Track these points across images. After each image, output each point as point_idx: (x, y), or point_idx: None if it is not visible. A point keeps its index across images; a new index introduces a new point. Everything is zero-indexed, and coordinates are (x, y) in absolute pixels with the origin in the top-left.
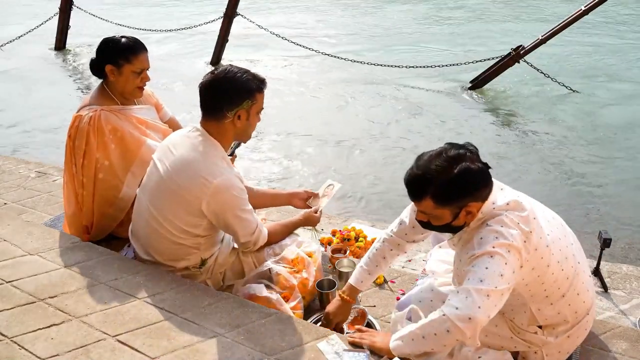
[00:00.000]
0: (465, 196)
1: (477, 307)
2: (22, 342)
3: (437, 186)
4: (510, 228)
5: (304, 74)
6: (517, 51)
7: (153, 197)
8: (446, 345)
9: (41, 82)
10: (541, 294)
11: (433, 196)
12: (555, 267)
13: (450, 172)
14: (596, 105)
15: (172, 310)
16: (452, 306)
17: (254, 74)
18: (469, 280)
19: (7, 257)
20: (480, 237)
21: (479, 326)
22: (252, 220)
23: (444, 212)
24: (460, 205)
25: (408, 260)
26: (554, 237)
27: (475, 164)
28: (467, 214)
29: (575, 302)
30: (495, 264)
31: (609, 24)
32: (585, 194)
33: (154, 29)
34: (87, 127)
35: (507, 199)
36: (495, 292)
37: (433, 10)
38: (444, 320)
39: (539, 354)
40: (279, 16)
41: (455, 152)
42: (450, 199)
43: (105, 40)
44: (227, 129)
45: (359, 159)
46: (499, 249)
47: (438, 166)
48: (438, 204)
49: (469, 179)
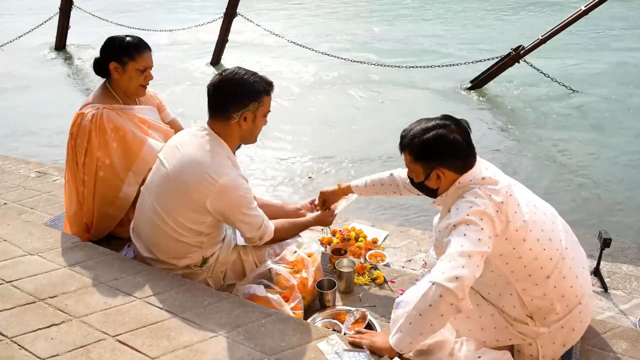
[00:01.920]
0: (433, 158)
1: (461, 266)
2: (22, 342)
3: (413, 142)
4: (482, 198)
5: (304, 74)
6: (517, 51)
7: (158, 194)
8: (443, 314)
9: (41, 82)
10: (522, 271)
11: (409, 150)
12: (535, 244)
13: (428, 133)
14: (596, 105)
15: (172, 310)
16: (439, 272)
17: (262, 77)
18: (449, 247)
19: (7, 257)
20: (456, 208)
21: (467, 285)
22: (258, 216)
23: (417, 168)
24: (430, 166)
25: (408, 260)
26: (537, 219)
27: (452, 135)
28: (438, 178)
29: (561, 285)
30: (471, 230)
31: (609, 24)
32: (585, 193)
33: (154, 29)
34: (89, 125)
35: (484, 175)
36: (476, 253)
37: (433, 10)
38: (434, 288)
39: (533, 345)
40: (279, 16)
41: (442, 122)
42: (421, 157)
43: (110, 38)
44: (233, 130)
45: (359, 159)
46: (473, 216)
47: (422, 127)
48: (412, 158)
49: (441, 145)
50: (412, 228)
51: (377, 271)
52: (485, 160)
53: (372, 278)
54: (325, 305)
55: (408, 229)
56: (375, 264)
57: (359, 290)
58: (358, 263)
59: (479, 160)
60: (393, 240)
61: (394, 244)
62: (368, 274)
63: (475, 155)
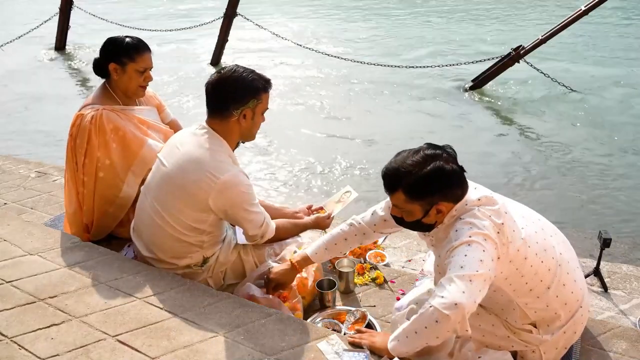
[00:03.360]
0: (435, 193)
1: (462, 292)
2: (22, 342)
3: (409, 180)
4: (482, 220)
5: (304, 74)
6: (517, 51)
7: (158, 194)
8: (439, 337)
9: (41, 82)
10: (524, 288)
11: (405, 190)
12: (534, 259)
13: (424, 168)
14: (596, 105)
15: (172, 310)
16: (438, 296)
17: (260, 74)
18: (450, 270)
19: (7, 257)
20: (455, 230)
21: (466, 312)
22: (260, 213)
23: (414, 208)
24: (431, 202)
25: (408, 260)
26: (530, 232)
27: (449, 165)
28: (438, 213)
29: (562, 293)
30: (473, 250)
31: (609, 24)
32: (585, 194)
33: (154, 28)
34: (89, 126)
35: (478, 195)
36: (477, 277)
37: (433, 9)
38: (432, 312)
39: (536, 352)
40: (279, 16)
41: (432, 152)
42: (421, 194)
43: (110, 39)
44: (232, 128)
45: (359, 159)
46: (475, 237)
47: (413, 162)
48: (409, 198)
49: (441, 177)
50: None
51: (377, 271)
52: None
53: (372, 278)
54: (325, 305)
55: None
56: (375, 264)
57: (359, 290)
58: (358, 263)
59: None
60: (393, 240)
61: (394, 244)
62: (368, 274)
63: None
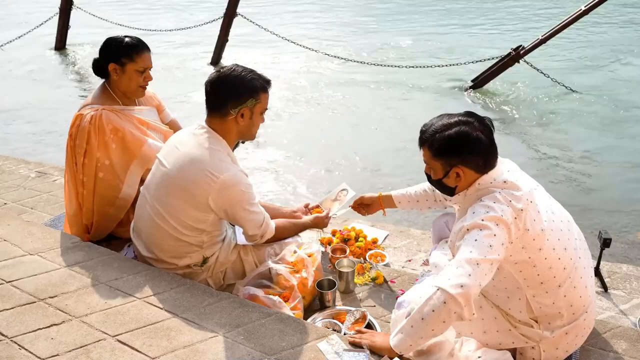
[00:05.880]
0: (454, 155)
1: (468, 274)
2: (22, 342)
3: (434, 138)
4: (501, 204)
5: (304, 74)
6: (517, 51)
7: (158, 194)
8: (445, 321)
9: (41, 82)
10: (535, 279)
11: (429, 146)
12: (550, 254)
13: (449, 130)
14: (596, 105)
15: (172, 310)
16: (445, 277)
17: (260, 74)
18: (459, 252)
19: (7, 257)
20: (472, 211)
21: (472, 294)
22: (260, 212)
23: (436, 165)
24: (450, 163)
25: (408, 260)
26: (555, 227)
27: (476, 132)
28: (457, 176)
29: (571, 294)
30: (483, 235)
31: (609, 23)
32: (586, 193)
33: (154, 28)
34: (88, 126)
35: (506, 178)
36: (485, 261)
37: (432, 9)
38: (439, 293)
39: (536, 349)
40: (279, 16)
41: (465, 118)
42: (441, 153)
43: (109, 39)
44: (230, 127)
45: (358, 159)
46: (488, 222)
47: (444, 123)
48: (432, 155)
49: (464, 142)
50: (412, 228)
51: (377, 271)
52: (508, 160)
53: (372, 278)
54: (325, 305)
55: (408, 229)
56: (375, 264)
57: (359, 290)
58: (358, 263)
59: (502, 160)
60: (393, 240)
61: (394, 244)
62: (368, 274)
63: (497, 155)
